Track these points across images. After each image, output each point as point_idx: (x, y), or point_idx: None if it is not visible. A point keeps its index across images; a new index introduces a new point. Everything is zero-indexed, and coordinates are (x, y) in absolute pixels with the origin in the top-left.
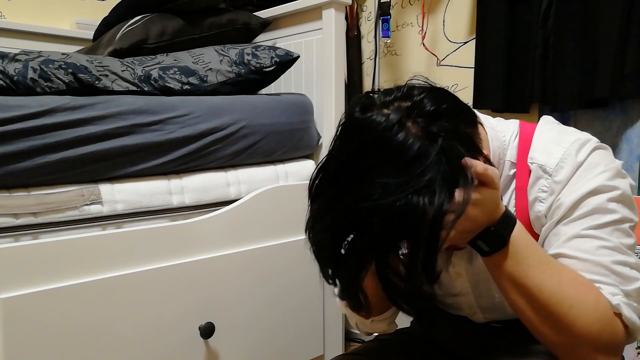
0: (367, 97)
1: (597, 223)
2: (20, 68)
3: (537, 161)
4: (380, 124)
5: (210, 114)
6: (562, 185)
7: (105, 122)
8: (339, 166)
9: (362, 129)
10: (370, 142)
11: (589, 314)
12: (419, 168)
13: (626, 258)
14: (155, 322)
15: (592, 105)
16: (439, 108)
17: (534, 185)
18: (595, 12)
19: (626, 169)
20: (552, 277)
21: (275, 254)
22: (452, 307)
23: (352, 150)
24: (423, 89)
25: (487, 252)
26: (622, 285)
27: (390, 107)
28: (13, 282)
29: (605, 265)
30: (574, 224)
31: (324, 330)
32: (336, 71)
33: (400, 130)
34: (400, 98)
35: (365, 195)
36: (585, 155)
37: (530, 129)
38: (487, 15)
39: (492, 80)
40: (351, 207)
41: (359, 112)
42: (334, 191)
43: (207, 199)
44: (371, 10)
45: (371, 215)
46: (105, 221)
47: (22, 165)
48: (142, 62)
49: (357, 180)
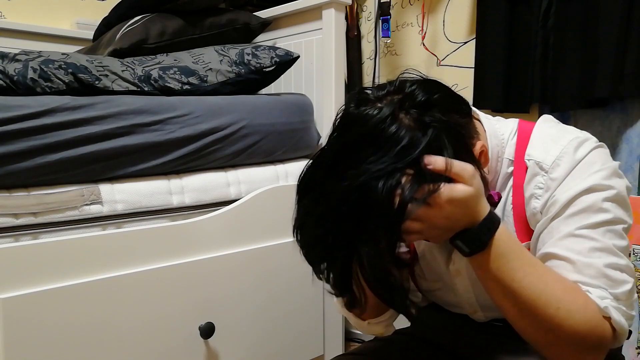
0: (361, 93)
1: (590, 222)
2: (20, 68)
3: (534, 158)
4: (373, 117)
5: (210, 114)
6: (558, 182)
7: (105, 122)
8: (334, 159)
9: (356, 122)
10: (363, 134)
11: (577, 316)
12: (408, 157)
13: (617, 260)
14: (155, 322)
15: (592, 105)
16: (431, 98)
17: (531, 182)
18: (595, 12)
19: (626, 169)
20: (539, 280)
21: (275, 254)
22: (452, 306)
23: (346, 144)
24: (414, 81)
25: (468, 252)
26: (611, 289)
27: (383, 101)
28: (13, 282)
29: (597, 268)
30: (568, 222)
31: (324, 330)
32: (336, 71)
33: (392, 122)
34: (393, 92)
35: (353, 177)
36: (583, 154)
37: (529, 127)
38: (487, 15)
39: (492, 80)
40: (341, 195)
41: (353, 107)
42: (327, 184)
43: (207, 199)
44: (371, 10)
45: (351, 193)
46: (105, 221)
47: (22, 165)
48: (142, 62)
49: (349, 170)
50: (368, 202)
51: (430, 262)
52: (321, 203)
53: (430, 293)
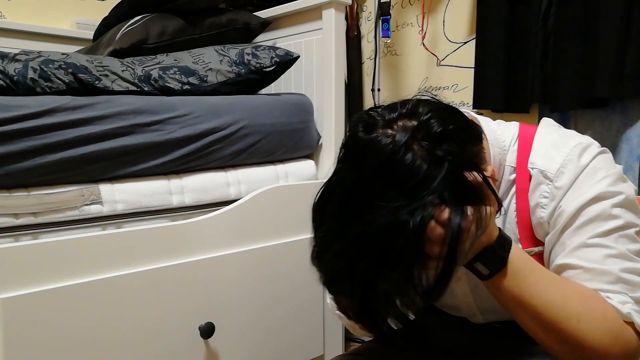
0: (370, 116)
1: (602, 230)
2: (20, 68)
3: (538, 166)
4: (386, 147)
5: (210, 114)
6: (563, 190)
7: (105, 122)
8: (346, 191)
9: (366, 150)
10: (376, 165)
11: (599, 326)
12: (424, 191)
13: (634, 265)
14: (155, 322)
15: (592, 105)
16: (446, 129)
17: (535, 191)
18: (595, 12)
19: (626, 169)
20: (556, 293)
21: (275, 254)
22: (450, 309)
23: (358, 175)
24: (429, 107)
25: (487, 275)
26: (631, 293)
27: (394, 126)
28: (13, 282)
29: (613, 274)
30: (579, 233)
31: (324, 330)
32: (336, 71)
33: (406, 153)
34: (405, 115)
35: (371, 220)
36: (588, 160)
37: (531, 131)
38: (487, 15)
39: (492, 80)
40: (359, 233)
41: (362, 132)
42: (342, 217)
43: (207, 199)
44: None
45: (376, 238)
46: (105, 221)
47: (22, 165)
48: (142, 62)
49: (364, 205)
50: (397, 240)
51: None
52: (338, 239)
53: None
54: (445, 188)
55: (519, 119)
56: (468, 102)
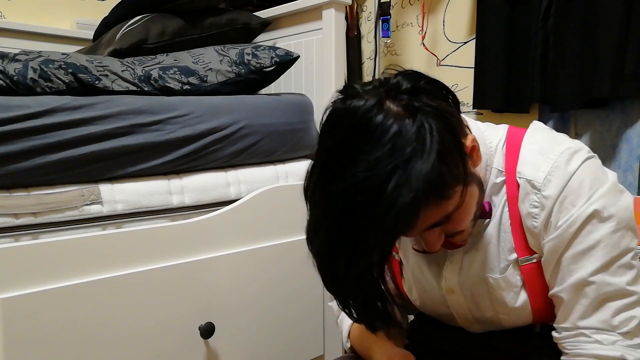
0: (347, 88)
1: (600, 264)
2: (20, 68)
3: (525, 176)
4: (360, 108)
5: (210, 114)
6: (552, 200)
7: (105, 122)
8: (327, 156)
9: (343, 116)
10: (352, 126)
11: None
12: (400, 143)
13: (628, 300)
14: (155, 322)
15: (592, 105)
16: (417, 85)
17: (525, 201)
18: (595, 12)
19: (626, 169)
20: None
21: (275, 254)
22: (446, 320)
23: (337, 138)
24: (398, 72)
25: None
26: (618, 330)
27: (369, 93)
28: (13, 282)
29: (605, 316)
30: (577, 261)
31: (324, 330)
32: (336, 71)
33: (379, 111)
34: (379, 85)
35: (351, 175)
36: (576, 166)
37: (519, 135)
38: (487, 15)
39: (492, 80)
40: (340, 189)
41: (339, 102)
42: (324, 182)
43: (207, 199)
44: (371, 10)
45: (358, 193)
46: (105, 221)
47: (22, 165)
48: (142, 62)
49: (343, 165)
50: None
51: (420, 279)
52: (322, 209)
53: (421, 307)
54: (421, 138)
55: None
56: (468, 102)
